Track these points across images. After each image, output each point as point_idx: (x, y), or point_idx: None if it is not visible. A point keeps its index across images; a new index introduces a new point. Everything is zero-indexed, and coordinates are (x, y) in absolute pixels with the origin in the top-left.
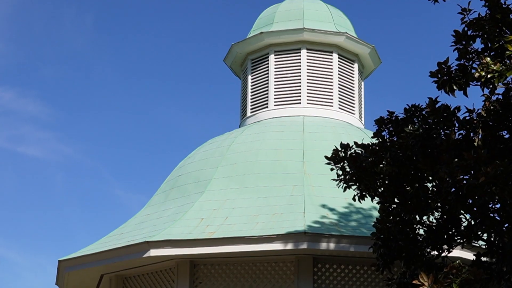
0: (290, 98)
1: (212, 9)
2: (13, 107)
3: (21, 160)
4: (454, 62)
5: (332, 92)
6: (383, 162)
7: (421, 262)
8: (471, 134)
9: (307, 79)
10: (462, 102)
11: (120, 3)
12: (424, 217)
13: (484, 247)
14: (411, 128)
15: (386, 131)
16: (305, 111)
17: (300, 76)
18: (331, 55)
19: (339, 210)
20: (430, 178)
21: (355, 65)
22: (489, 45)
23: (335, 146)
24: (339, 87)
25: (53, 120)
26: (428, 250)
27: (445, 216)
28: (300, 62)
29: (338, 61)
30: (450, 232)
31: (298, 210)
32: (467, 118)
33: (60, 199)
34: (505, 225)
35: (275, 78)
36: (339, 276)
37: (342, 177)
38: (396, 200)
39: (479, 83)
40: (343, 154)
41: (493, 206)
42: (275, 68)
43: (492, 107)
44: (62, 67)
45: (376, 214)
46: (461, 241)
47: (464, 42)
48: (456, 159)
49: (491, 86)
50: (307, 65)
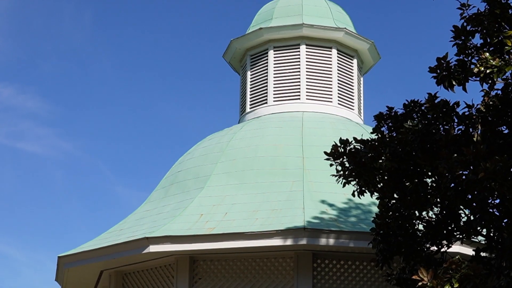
0: (289, 94)
1: (211, 5)
2: (13, 103)
3: (21, 157)
4: (453, 58)
5: (332, 88)
6: (383, 158)
7: (421, 258)
8: (470, 130)
9: (306, 75)
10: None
11: None
12: (424, 213)
13: (484, 243)
14: (410, 124)
15: (386, 127)
16: (304, 107)
17: (299, 72)
18: (330, 51)
19: (339, 206)
20: (430, 174)
21: (354, 61)
22: (488, 40)
23: (335, 142)
24: (338, 83)
25: (53, 116)
26: (428, 246)
27: (445, 212)
28: (299, 58)
29: (337, 57)
30: (450, 228)
31: (298, 206)
32: (466, 114)
33: (60, 196)
34: (504, 221)
35: (274, 74)
36: (339, 272)
37: (342, 173)
38: (396, 196)
39: (478, 79)
40: (343, 150)
41: (493, 202)
42: (274, 64)
43: (491, 103)
44: (62, 63)
45: (376, 210)
46: (461, 237)
47: (463, 38)
48: (456, 155)
49: (490, 82)
50: (306, 61)
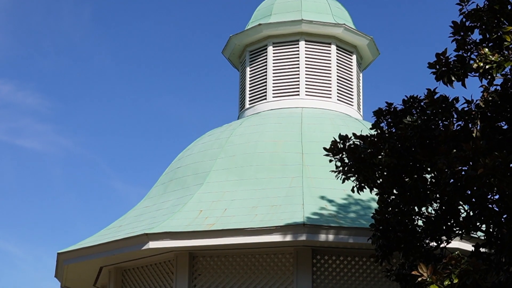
0: (289, 90)
1: (210, 1)
2: (12, 100)
3: (20, 153)
4: (453, 53)
5: (331, 84)
6: (382, 154)
7: (420, 253)
8: (470, 125)
9: (306, 71)
10: (461, 93)
11: None
12: (423, 208)
13: (483, 238)
14: (410, 120)
15: (385, 123)
16: (304, 103)
17: (299, 68)
18: (330, 47)
19: (338, 202)
20: (429, 169)
21: (354, 57)
22: (487, 36)
23: (334, 138)
24: (338, 79)
25: (52, 113)
26: (427, 241)
27: (444, 207)
28: (299, 54)
29: (337, 53)
30: (449, 223)
31: (297, 202)
32: (466, 109)
33: (59, 192)
34: (504, 216)
35: (274, 70)
36: (338, 268)
37: (341, 169)
38: (395, 191)
39: (478, 74)
40: (342, 146)
41: (492, 197)
42: (274, 60)
43: (491, 98)
44: (61, 60)
45: (375, 206)
46: (460, 232)
47: (462, 33)
48: (455, 150)
49: (490, 77)
50: (306, 57)
